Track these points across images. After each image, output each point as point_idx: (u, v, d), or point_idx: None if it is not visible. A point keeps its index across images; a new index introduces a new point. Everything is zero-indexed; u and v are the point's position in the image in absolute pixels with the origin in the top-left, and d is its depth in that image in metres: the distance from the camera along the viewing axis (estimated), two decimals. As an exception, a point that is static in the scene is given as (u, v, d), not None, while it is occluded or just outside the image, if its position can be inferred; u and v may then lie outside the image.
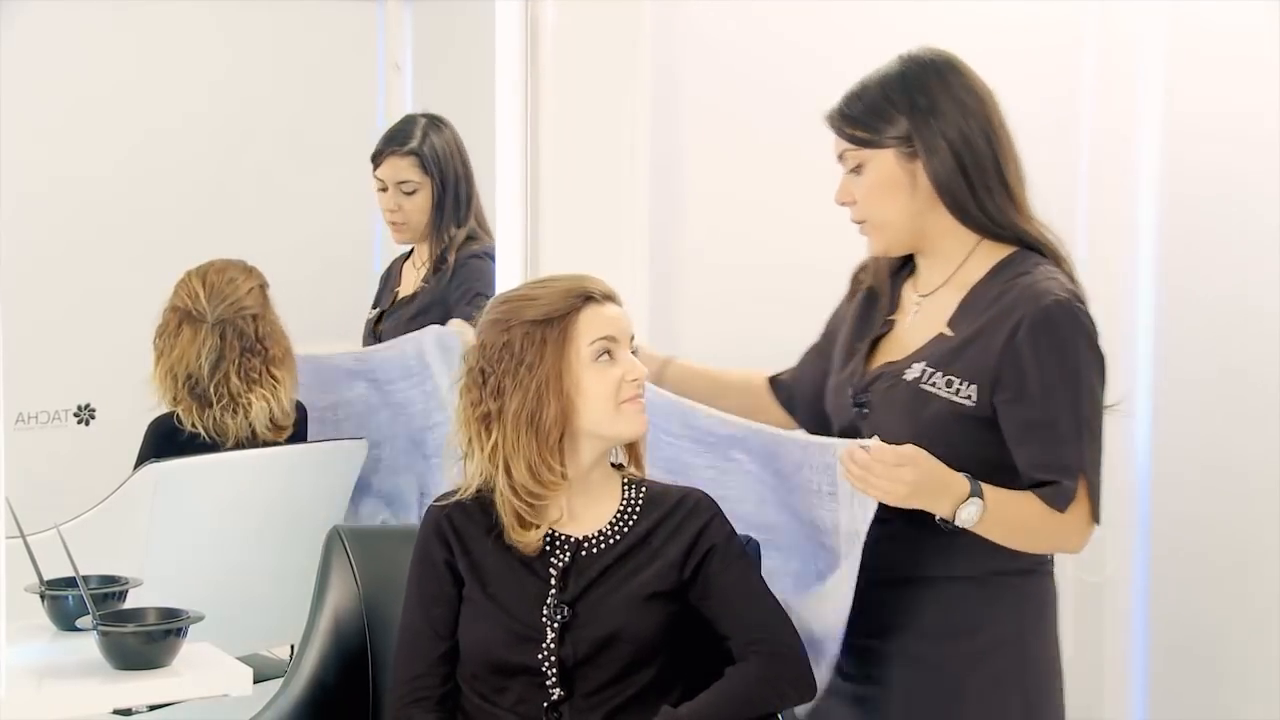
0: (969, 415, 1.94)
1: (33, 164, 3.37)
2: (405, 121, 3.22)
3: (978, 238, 2.02)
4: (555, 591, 1.94)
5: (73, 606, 2.52)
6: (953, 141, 1.98)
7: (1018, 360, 1.92)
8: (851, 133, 2.02)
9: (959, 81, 2.02)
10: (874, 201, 2.02)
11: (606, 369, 1.94)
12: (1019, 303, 1.93)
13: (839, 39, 3.20)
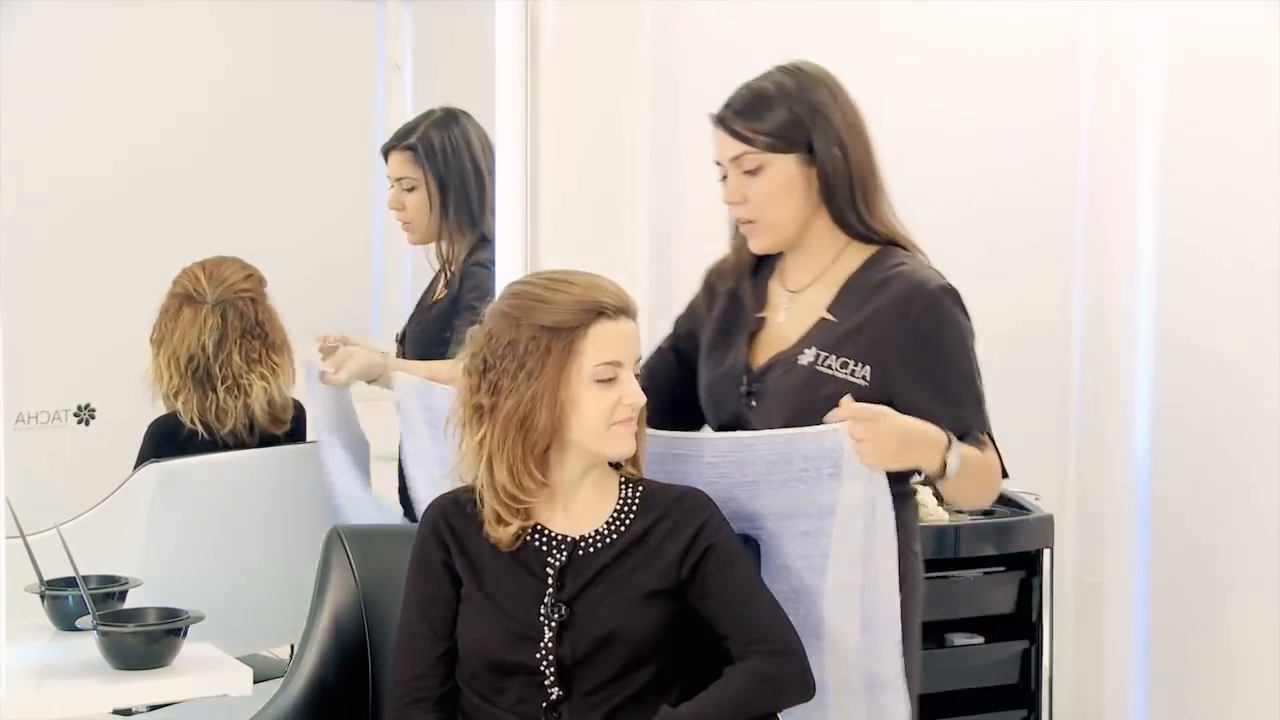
0: (863, 394, 2.04)
1: (32, 164, 3.37)
2: (421, 115, 3.11)
3: (847, 238, 2.17)
4: (553, 591, 1.94)
5: (73, 606, 2.52)
6: (843, 151, 2.13)
7: (917, 339, 2.08)
8: (755, 137, 2.13)
9: (842, 96, 2.17)
10: (770, 203, 2.14)
11: (605, 390, 1.93)
12: (907, 289, 2.10)
13: (839, 39, 3.20)
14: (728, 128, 2.15)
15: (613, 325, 1.93)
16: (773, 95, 2.14)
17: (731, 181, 2.16)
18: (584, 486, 1.99)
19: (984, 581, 2.80)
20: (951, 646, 2.79)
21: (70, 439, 3.45)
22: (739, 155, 2.14)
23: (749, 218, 2.16)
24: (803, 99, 2.13)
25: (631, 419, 1.94)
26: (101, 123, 3.57)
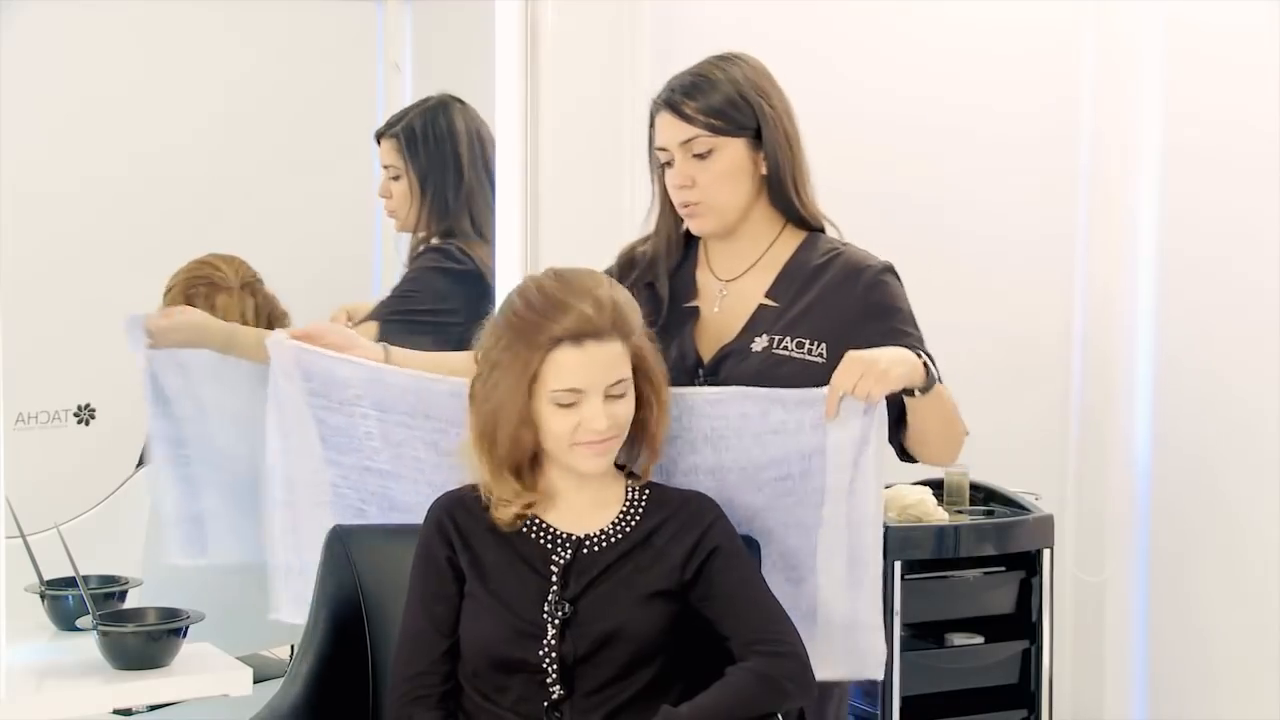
0: (819, 370, 2.12)
1: (32, 165, 3.36)
2: (416, 103, 3.09)
3: (781, 224, 2.24)
4: (556, 589, 1.95)
5: (73, 606, 2.52)
6: (785, 136, 2.21)
7: (869, 313, 2.18)
8: (709, 121, 2.17)
9: (777, 85, 2.24)
10: (719, 186, 2.19)
11: (566, 413, 1.93)
12: (852, 269, 2.20)
13: (839, 40, 3.21)
14: (680, 112, 2.19)
15: (574, 353, 1.91)
16: (722, 81, 2.19)
17: (680, 166, 2.20)
18: (587, 487, 1.99)
19: (984, 581, 2.80)
20: (951, 646, 2.79)
21: (70, 439, 3.45)
22: (690, 139, 2.19)
23: (697, 200, 2.20)
24: (750, 85, 2.20)
25: (596, 441, 1.92)
26: (100, 124, 3.56)
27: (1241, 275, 2.88)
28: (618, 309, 1.94)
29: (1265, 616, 2.82)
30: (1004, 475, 2.96)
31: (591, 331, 1.91)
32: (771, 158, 2.21)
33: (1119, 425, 3.08)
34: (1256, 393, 2.84)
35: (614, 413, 1.93)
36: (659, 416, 2.00)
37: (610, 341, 1.92)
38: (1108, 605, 3.09)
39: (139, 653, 2.30)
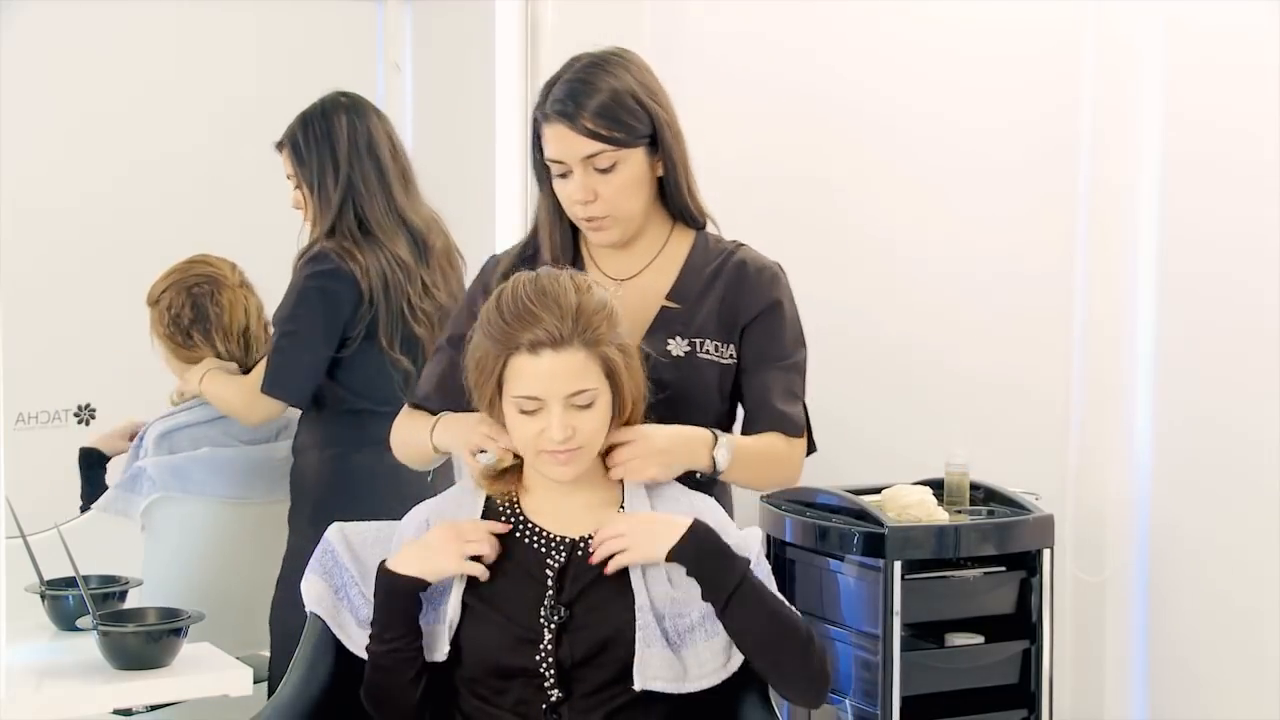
0: (728, 371, 2.20)
1: (34, 170, 3.38)
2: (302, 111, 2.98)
3: (672, 222, 2.24)
4: (552, 593, 1.94)
5: (73, 606, 2.52)
6: (676, 136, 2.19)
7: (769, 316, 2.21)
8: (612, 135, 2.13)
9: (659, 80, 2.21)
10: (625, 197, 2.16)
11: (529, 419, 1.91)
12: (753, 271, 2.22)
13: (838, 42, 3.21)
14: (580, 126, 2.13)
15: (531, 362, 1.89)
16: (618, 90, 2.14)
17: (580, 179, 2.14)
18: (578, 490, 1.98)
19: (984, 582, 2.80)
20: (951, 647, 2.79)
21: (70, 439, 3.45)
22: (594, 154, 2.13)
23: (601, 213, 2.16)
24: (642, 89, 2.16)
25: (560, 451, 1.90)
26: (101, 124, 3.57)
27: (1242, 277, 2.88)
28: (582, 317, 1.90)
29: (1265, 617, 2.82)
30: (1004, 475, 2.96)
31: (548, 340, 1.88)
32: (668, 160, 2.18)
33: (1119, 425, 3.08)
34: (1256, 393, 2.84)
35: (577, 423, 1.90)
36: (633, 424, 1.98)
37: (570, 351, 1.89)
38: (1108, 605, 3.09)
39: (139, 653, 2.30)
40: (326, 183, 2.82)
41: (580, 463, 1.93)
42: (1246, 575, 2.86)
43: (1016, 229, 3.23)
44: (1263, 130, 2.80)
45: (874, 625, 2.71)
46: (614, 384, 1.93)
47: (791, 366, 2.22)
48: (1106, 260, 3.12)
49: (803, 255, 3.20)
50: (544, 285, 1.93)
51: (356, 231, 2.81)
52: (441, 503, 2.05)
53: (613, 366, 1.92)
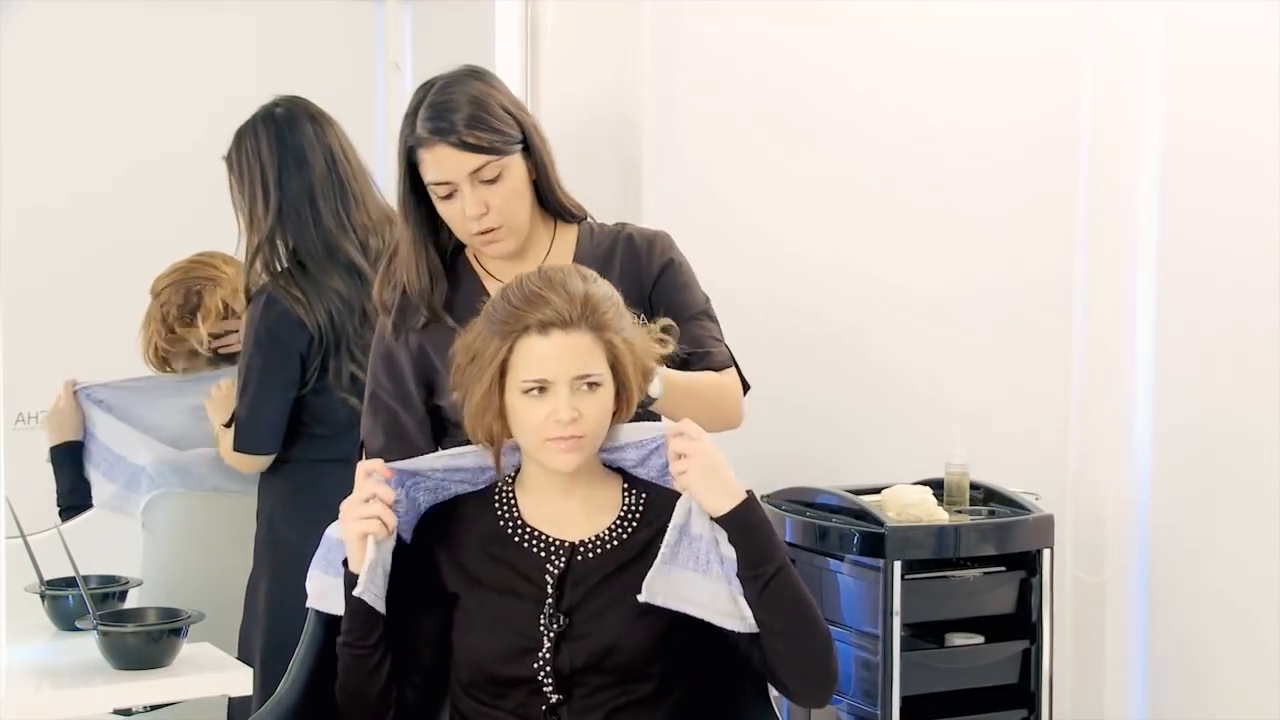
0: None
1: (35, 165, 3.37)
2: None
3: (553, 222, 2.30)
4: (552, 601, 1.93)
5: (73, 606, 2.52)
6: (543, 140, 2.25)
7: (665, 274, 2.28)
8: (494, 145, 2.18)
9: (507, 86, 2.27)
10: (512, 205, 2.22)
11: (535, 403, 1.91)
12: (638, 242, 2.30)
13: (838, 43, 3.21)
14: (463, 143, 2.17)
15: (540, 343, 1.89)
16: (488, 101, 2.20)
17: (470, 196, 2.18)
18: (575, 490, 1.97)
19: (984, 582, 2.80)
20: (951, 647, 2.79)
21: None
22: (479, 167, 2.18)
23: (495, 224, 2.20)
24: (506, 99, 2.23)
25: (567, 437, 1.89)
26: (102, 125, 3.57)
27: (1242, 277, 2.88)
28: (590, 302, 1.91)
29: (1265, 617, 2.82)
30: (1004, 475, 2.96)
31: (557, 321, 1.89)
32: (539, 162, 2.24)
33: (1119, 425, 3.08)
34: (1257, 393, 2.84)
35: (583, 406, 1.89)
36: (625, 414, 1.96)
37: (578, 333, 1.90)
38: (1108, 605, 3.09)
39: (139, 653, 2.30)
40: (257, 210, 2.78)
41: (583, 451, 1.92)
42: (1246, 575, 2.86)
43: (1017, 228, 3.23)
44: (1263, 130, 2.80)
45: (874, 625, 2.71)
46: (617, 376, 1.93)
47: (701, 314, 2.29)
48: (1106, 260, 3.12)
49: (802, 255, 3.22)
50: (550, 274, 1.95)
51: (294, 267, 2.76)
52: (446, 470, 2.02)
53: (618, 356, 1.93)
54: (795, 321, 3.22)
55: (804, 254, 3.19)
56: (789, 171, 3.19)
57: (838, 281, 3.20)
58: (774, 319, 3.17)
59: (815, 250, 3.21)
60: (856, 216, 3.23)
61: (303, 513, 2.72)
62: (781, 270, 3.13)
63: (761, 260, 3.18)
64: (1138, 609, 3.05)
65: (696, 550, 1.91)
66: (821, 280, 3.20)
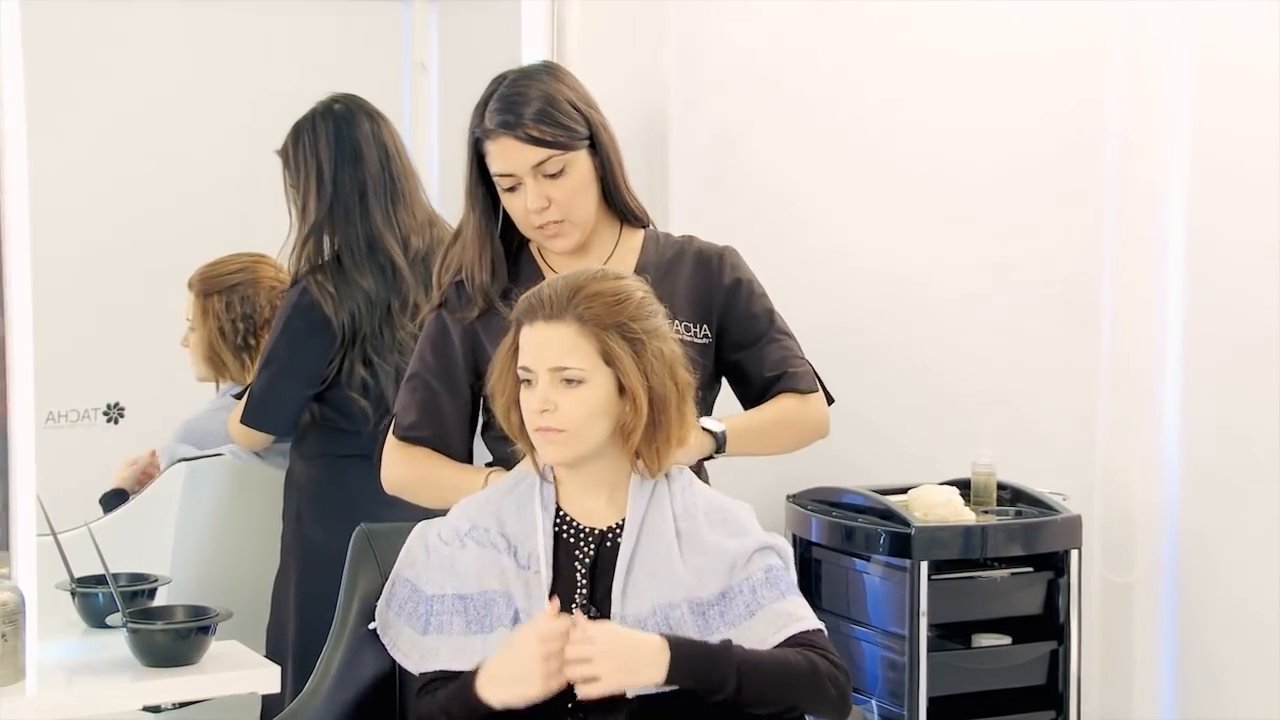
0: (704, 350, 2.26)
1: (63, 166, 3.39)
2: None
3: (619, 224, 2.31)
4: (585, 591, 1.93)
5: (103, 604, 2.54)
6: (611, 139, 2.26)
7: (737, 294, 2.30)
8: (558, 139, 2.20)
9: (582, 84, 2.28)
10: (578, 199, 2.23)
11: (526, 393, 1.92)
12: (705, 254, 2.31)
13: (863, 42, 3.20)
14: (527, 136, 2.19)
15: (527, 332, 1.91)
16: (554, 96, 2.21)
17: (534, 189, 2.20)
18: (600, 477, 1.96)
19: (1011, 582, 2.79)
20: (978, 647, 2.78)
21: (100, 438, 3.47)
22: (543, 161, 2.19)
23: (558, 218, 2.22)
24: (575, 94, 2.24)
25: (545, 428, 1.89)
26: (130, 126, 3.58)
27: (1270, 278, 2.86)
28: (581, 296, 1.89)
29: (1294, 617, 2.81)
30: (1031, 475, 2.95)
31: (541, 310, 1.90)
32: (606, 161, 2.24)
33: (1147, 425, 3.07)
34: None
35: (559, 399, 1.88)
36: (635, 421, 1.91)
37: (560, 324, 1.89)
38: (1136, 606, 3.08)
39: (168, 650, 2.31)
40: (309, 204, 2.81)
41: (565, 447, 1.90)
42: (1275, 576, 2.85)
43: (1044, 229, 3.22)
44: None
45: (900, 625, 2.70)
46: (617, 372, 1.90)
47: (779, 333, 2.31)
48: (1134, 260, 3.11)
49: (828, 255, 3.21)
50: (569, 272, 1.96)
51: (333, 263, 2.79)
52: (489, 504, 2.01)
53: (611, 353, 1.89)
54: (821, 321, 3.21)
55: (830, 254, 3.18)
56: (815, 172, 3.19)
57: (865, 281, 3.20)
58: (799, 319, 3.15)
59: (841, 250, 3.20)
60: (884, 216, 3.22)
61: (329, 510, 2.74)
62: (807, 270, 3.13)
63: (787, 261, 3.17)
64: (1166, 610, 3.04)
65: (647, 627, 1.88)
66: (848, 280, 3.19)
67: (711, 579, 1.91)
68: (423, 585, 1.98)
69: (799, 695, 1.87)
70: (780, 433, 2.28)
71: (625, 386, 1.90)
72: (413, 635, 1.98)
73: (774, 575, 1.92)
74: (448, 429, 2.26)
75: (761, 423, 2.25)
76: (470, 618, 1.93)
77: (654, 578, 1.91)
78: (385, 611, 2.02)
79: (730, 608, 1.90)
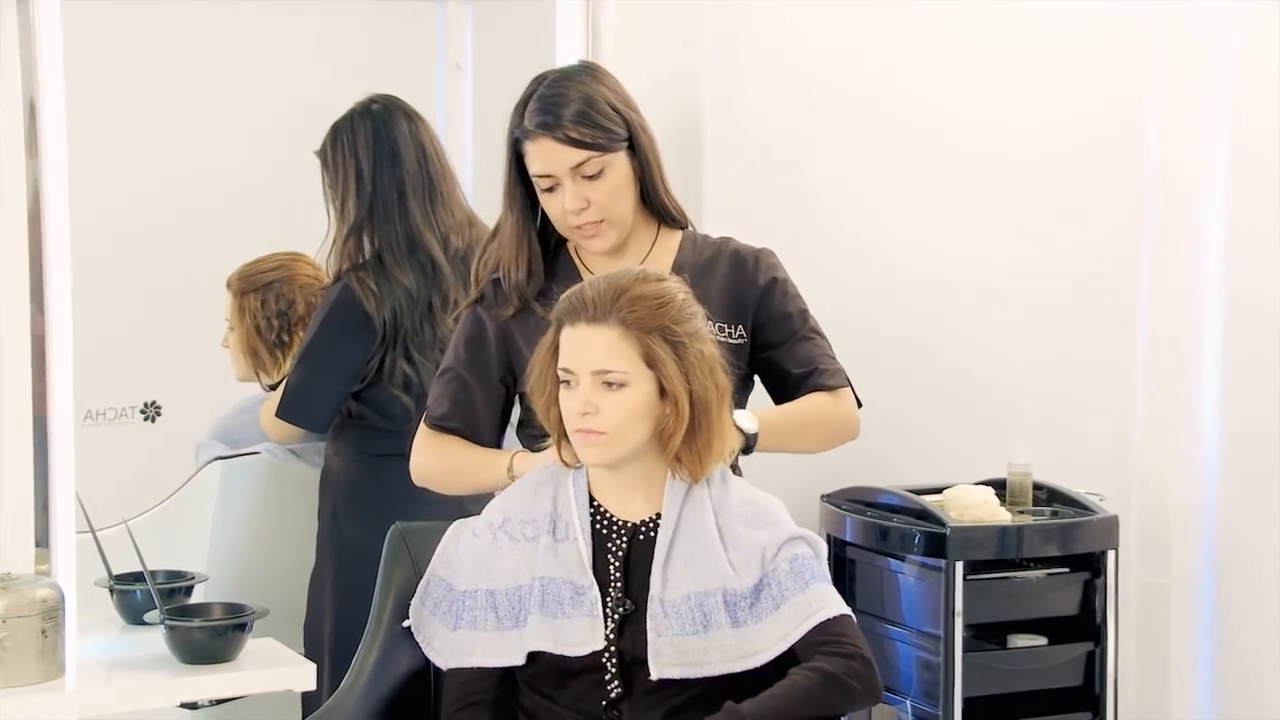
0: (738, 350, 2.26)
1: (101, 167, 3.41)
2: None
3: (656, 225, 2.31)
4: (620, 585, 1.94)
5: (140, 601, 2.55)
6: (650, 140, 2.27)
7: (771, 293, 2.30)
8: (597, 141, 2.20)
9: (621, 84, 2.29)
10: (616, 200, 2.23)
11: (565, 394, 1.94)
12: (741, 255, 2.31)
13: (898, 41, 3.19)
14: (566, 137, 2.19)
15: (569, 333, 1.93)
16: (593, 97, 2.22)
17: (572, 189, 2.20)
18: (636, 478, 1.97)
19: (1047, 583, 2.78)
20: (1013, 648, 2.77)
21: (137, 436, 3.49)
22: (582, 163, 2.19)
23: (597, 219, 2.22)
24: (615, 95, 2.25)
25: (586, 430, 1.90)
26: (168, 126, 3.61)
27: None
28: (624, 299, 1.90)
29: (1334, 619, 2.79)
30: (1068, 475, 2.93)
31: (584, 313, 1.91)
32: (644, 162, 2.25)
33: (1185, 424, 3.05)
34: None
35: (601, 402, 1.90)
36: (675, 425, 1.92)
37: (604, 326, 1.90)
38: (1173, 608, 3.06)
39: (205, 647, 2.32)
40: (348, 204, 2.82)
41: (606, 449, 1.92)
42: (1315, 577, 2.83)
43: (1082, 227, 3.20)
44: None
45: (935, 626, 2.69)
46: (659, 376, 1.91)
47: (812, 332, 2.32)
48: (1172, 258, 3.09)
49: (864, 253, 3.20)
50: (610, 274, 1.97)
51: (374, 261, 2.80)
52: (519, 498, 2.03)
53: (653, 354, 1.91)
54: (856, 320, 3.20)
55: (865, 252, 3.17)
56: (849, 170, 3.18)
57: (901, 280, 3.19)
58: (835, 317, 3.14)
59: (877, 249, 3.19)
60: (920, 214, 3.21)
61: (365, 508, 2.75)
62: (842, 269, 3.12)
63: (822, 259, 3.17)
64: (1204, 611, 3.02)
65: (682, 613, 1.91)
66: (884, 279, 3.18)
67: (746, 571, 1.93)
68: (456, 582, 1.99)
69: (822, 708, 1.88)
70: (810, 429, 2.27)
71: (667, 389, 1.91)
72: (445, 633, 1.99)
73: (799, 564, 1.93)
74: (478, 420, 2.28)
75: (791, 417, 2.25)
76: (502, 614, 1.95)
77: (691, 566, 1.93)
78: (419, 610, 2.03)
79: (759, 601, 1.91)
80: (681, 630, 1.90)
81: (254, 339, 3.07)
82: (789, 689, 1.87)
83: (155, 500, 3.00)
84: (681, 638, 1.89)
